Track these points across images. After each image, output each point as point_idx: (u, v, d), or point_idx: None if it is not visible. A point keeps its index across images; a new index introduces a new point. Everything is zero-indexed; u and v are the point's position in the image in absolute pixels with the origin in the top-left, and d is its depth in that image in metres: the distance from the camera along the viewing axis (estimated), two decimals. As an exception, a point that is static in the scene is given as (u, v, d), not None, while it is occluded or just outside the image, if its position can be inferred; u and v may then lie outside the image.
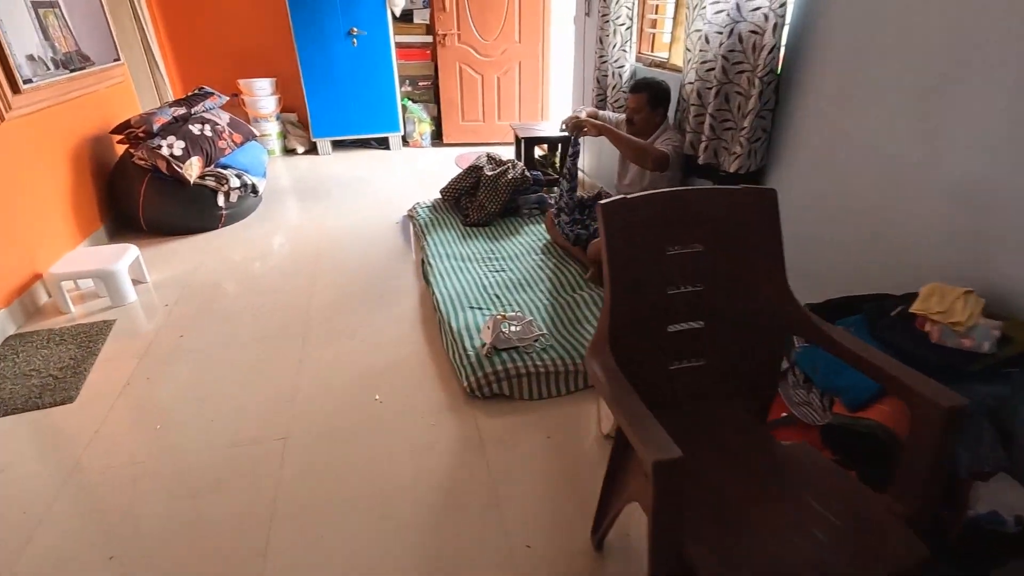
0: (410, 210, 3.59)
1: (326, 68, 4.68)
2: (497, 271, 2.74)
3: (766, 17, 1.95)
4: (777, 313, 1.22)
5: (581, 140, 2.64)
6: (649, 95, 2.53)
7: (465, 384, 1.95)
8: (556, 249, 2.95)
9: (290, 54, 4.65)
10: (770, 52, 1.91)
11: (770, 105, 2.01)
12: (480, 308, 2.38)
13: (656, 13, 3.13)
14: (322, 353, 2.22)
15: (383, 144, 5.24)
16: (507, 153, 4.66)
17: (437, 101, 5.23)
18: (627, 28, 2.99)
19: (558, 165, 4.01)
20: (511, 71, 5.00)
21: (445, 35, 4.82)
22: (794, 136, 2.01)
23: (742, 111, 2.12)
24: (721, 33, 2.17)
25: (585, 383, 1.99)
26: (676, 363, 1.26)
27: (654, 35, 3.18)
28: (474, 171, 3.42)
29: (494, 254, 2.91)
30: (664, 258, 1.20)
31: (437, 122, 5.33)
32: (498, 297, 2.48)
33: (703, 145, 2.30)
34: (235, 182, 3.34)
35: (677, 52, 2.81)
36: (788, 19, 1.91)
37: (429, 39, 5.03)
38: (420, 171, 4.60)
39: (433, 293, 2.53)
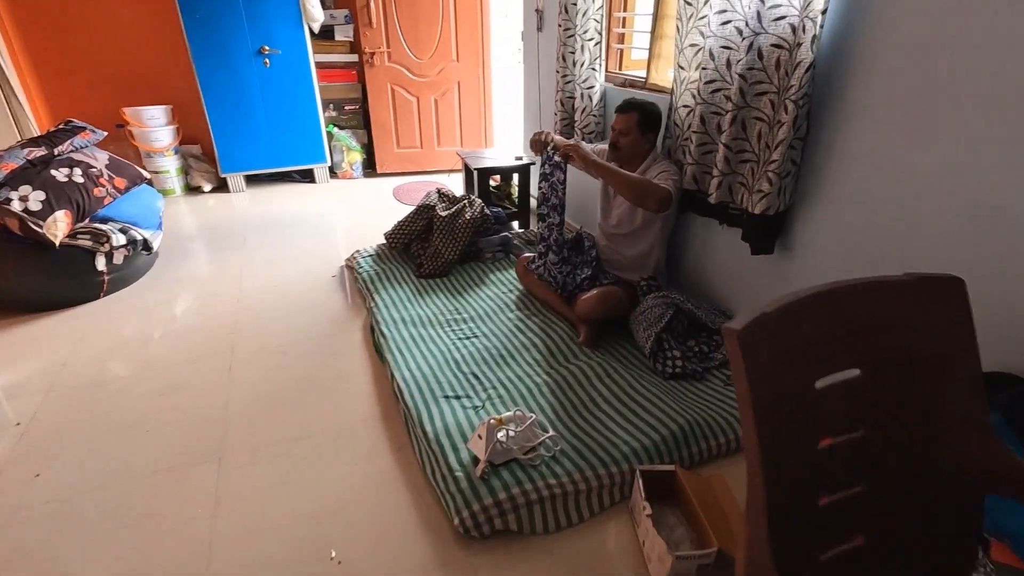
0: (348, 260, 3.01)
1: (234, 92, 4.00)
2: (468, 337, 2.23)
3: (795, 28, 1.60)
4: (974, 463, 0.81)
5: (562, 163, 2.21)
6: (640, 116, 2.14)
7: (456, 521, 1.43)
8: (533, 302, 2.49)
9: (188, 77, 3.94)
10: (807, 70, 1.56)
11: (801, 133, 1.66)
12: (458, 396, 1.86)
13: (624, 27, 2.77)
14: (247, 485, 1.62)
15: (307, 177, 4.59)
16: (451, 183, 4.21)
17: (367, 127, 4.66)
18: (596, 44, 2.61)
19: (516, 196, 3.57)
20: (450, 92, 4.53)
21: (373, 53, 4.28)
22: (834, 170, 1.66)
23: (765, 140, 1.76)
24: (732, 48, 1.81)
25: (613, 497, 1.53)
26: (827, 549, 0.82)
27: (622, 51, 2.82)
28: (425, 211, 2.91)
29: (460, 313, 2.41)
30: (812, 397, 0.76)
31: (369, 150, 4.75)
32: (477, 377, 1.97)
33: (715, 181, 1.92)
34: (119, 239, 2.64)
35: (659, 70, 2.45)
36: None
37: (354, 58, 4.46)
38: (355, 207, 4.00)
39: (393, 377, 1.99)
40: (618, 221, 2.33)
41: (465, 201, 2.93)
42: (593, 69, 2.64)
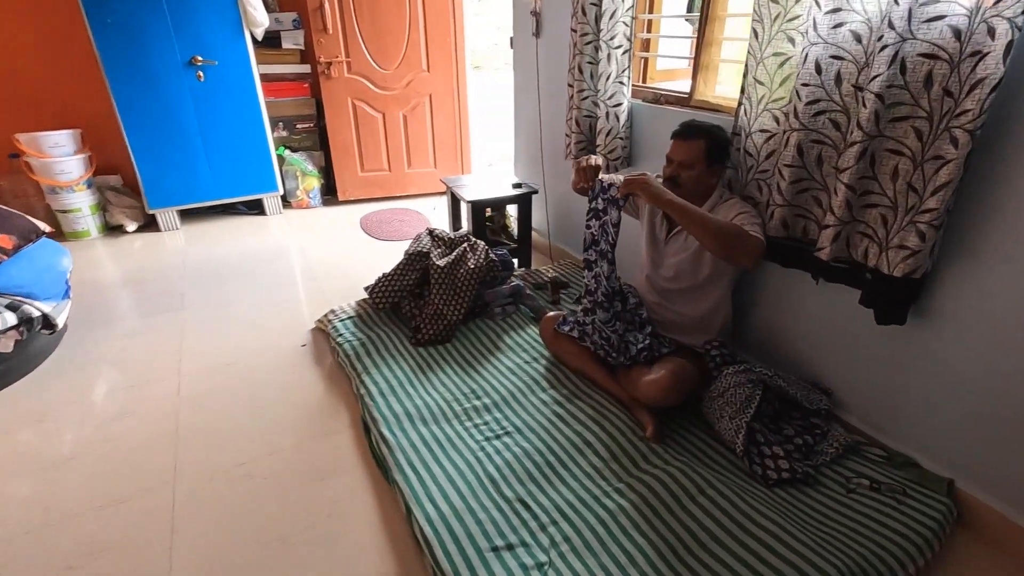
0: (321, 322, 2.42)
1: (160, 111, 3.31)
2: (497, 435, 1.70)
3: (959, 33, 1.17)
4: None
5: (620, 200, 1.73)
6: (709, 144, 1.69)
7: None
8: (566, 374, 1.98)
9: (100, 94, 3.21)
10: (992, 90, 1.13)
11: (960, 172, 1.23)
12: (511, 546, 1.33)
13: (649, 31, 2.32)
14: None
15: (256, 208, 3.92)
16: (429, 210, 3.64)
17: (325, 148, 4.03)
18: (624, 52, 2.14)
19: (513, 229, 3.06)
20: (420, 107, 3.97)
21: (330, 63, 3.67)
22: (993, 217, 1.25)
23: (908, 181, 1.33)
24: (847, 59, 1.37)
25: None
26: None
27: (646, 61, 2.36)
28: (417, 261, 2.35)
29: (479, 396, 1.87)
30: None
31: (328, 174, 4.13)
32: (526, 505, 1.44)
33: (828, 231, 1.48)
34: (8, 318, 1.95)
35: (708, 84, 2.01)
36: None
37: (306, 69, 3.84)
38: (317, 244, 3.38)
39: (411, 514, 1.43)
40: (675, 273, 1.86)
41: (465, 244, 2.39)
42: (621, 83, 2.17)
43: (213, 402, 1.96)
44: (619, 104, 2.21)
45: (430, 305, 2.23)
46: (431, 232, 2.50)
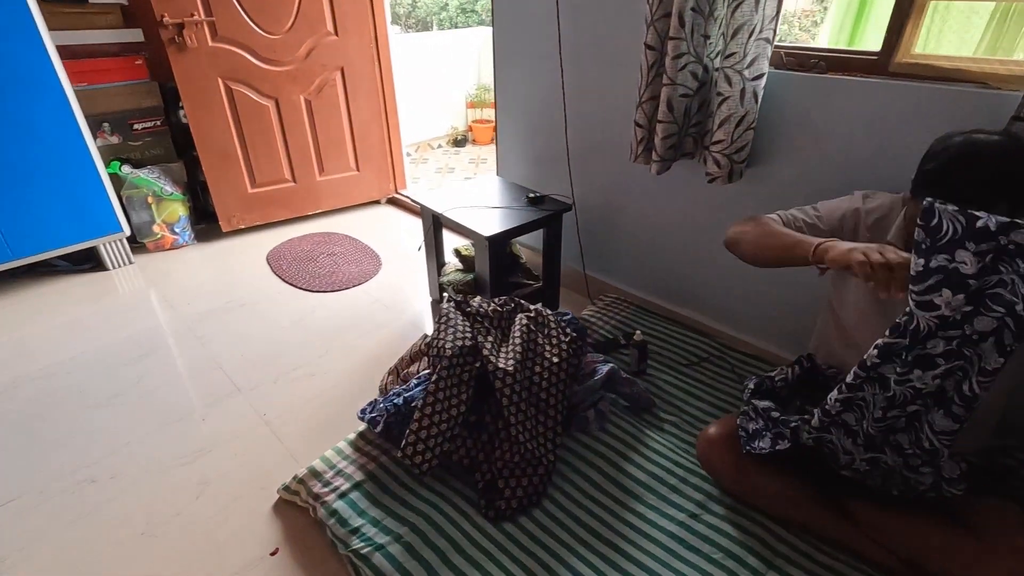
0: (293, 494, 1.35)
1: None
2: None
3: None
4: None
5: None
6: (1013, 200, 0.93)
7: None
8: (772, 528, 1.20)
9: None
10: None
11: None
12: None
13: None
14: None
15: (88, 262, 2.50)
16: (357, 226, 2.45)
17: (188, 156, 2.70)
18: (773, -11, 1.32)
19: (527, 259, 2.15)
20: (330, 87, 2.78)
21: (181, 25, 2.35)
22: None
23: None
24: None
25: None
26: None
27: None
28: (463, 366, 1.35)
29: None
30: None
31: (198, 195, 2.80)
32: None
33: None
34: None
35: (923, 36, 1.27)
36: None
37: (136, 35, 2.47)
38: (205, 311, 2.16)
39: None
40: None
41: (523, 317, 1.45)
42: (766, 40, 1.36)
43: None
44: (760, 75, 1.39)
45: (505, 443, 1.29)
46: (458, 305, 1.51)
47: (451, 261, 2.21)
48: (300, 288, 2.35)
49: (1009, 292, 0.82)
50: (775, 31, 1.35)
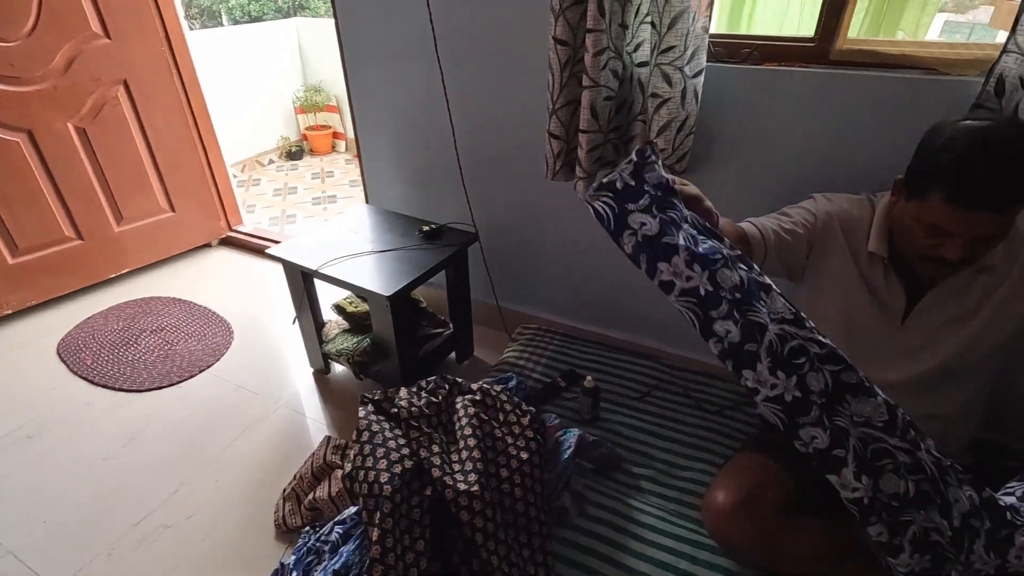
0: None
1: None
2: None
3: None
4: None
5: None
6: None
7: None
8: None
9: None
10: None
11: None
12: None
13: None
14: None
15: None
16: (196, 288, 1.83)
17: None
18: (707, -32, 1.11)
19: (449, 305, 1.78)
20: (112, 108, 2.07)
21: None
22: None
23: None
24: None
25: None
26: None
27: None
28: (413, 493, 0.97)
29: None
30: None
31: (-80, 279, 1.94)
32: None
33: None
34: None
35: (859, 21, 1.16)
36: None
37: None
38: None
39: None
40: (942, 359, 1.04)
41: (465, 402, 1.11)
42: (705, 30, 1.14)
43: None
44: (700, 71, 1.19)
45: (490, 590, 0.96)
46: (379, 407, 1.11)
47: (332, 319, 1.76)
48: (121, 389, 1.72)
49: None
50: (711, 17, 1.14)
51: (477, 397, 1.14)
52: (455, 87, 1.55)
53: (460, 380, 1.21)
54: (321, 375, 1.77)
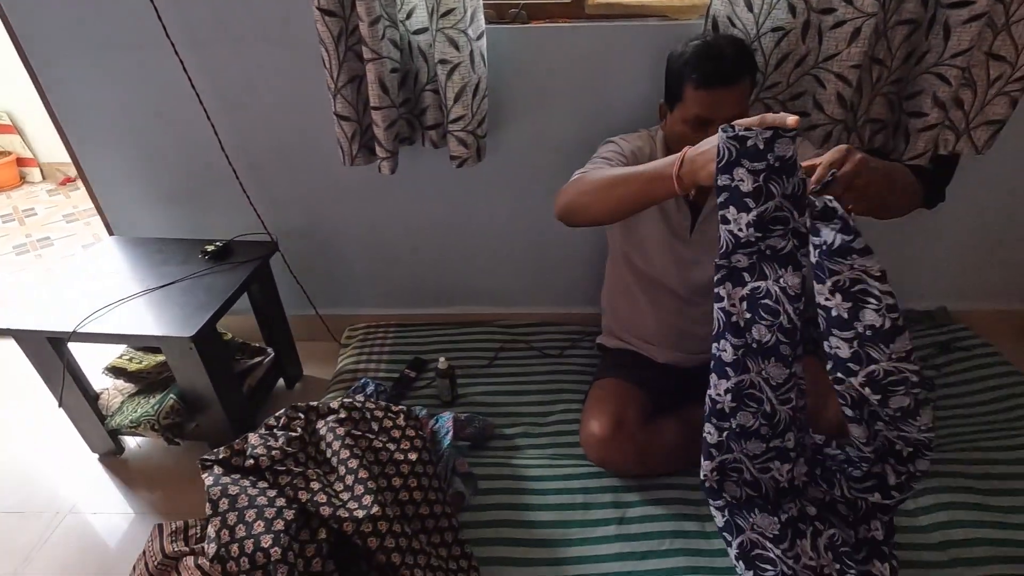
0: None
1: None
2: None
3: None
4: None
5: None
6: (753, 76, 1.10)
7: None
8: (672, 481, 1.21)
9: None
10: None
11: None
12: None
13: None
14: None
15: None
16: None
17: None
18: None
19: (260, 327, 1.52)
20: None
21: None
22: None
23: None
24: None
25: None
26: None
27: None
28: (306, 560, 0.84)
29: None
30: None
31: None
32: None
33: (926, 134, 1.24)
34: None
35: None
36: None
37: None
38: None
39: None
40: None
41: (338, 419, 1.00)
42: (474, -7, 1.14)
43: None
44: (482, 33, 1.19)
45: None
46: (228, 467, 0.92)
47: (108, 386, 1.40)
48: None
49: (783, 211, 0.83)
50: (479, -16, 1.15)
51: (342, 415, 1.03)
52: (204, 76, 1.31)
53: (314, 404, 1.07)
54: (112, 458, 1.41)
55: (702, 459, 0.98)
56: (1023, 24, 1.14)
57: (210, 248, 1.37)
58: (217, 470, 0.90)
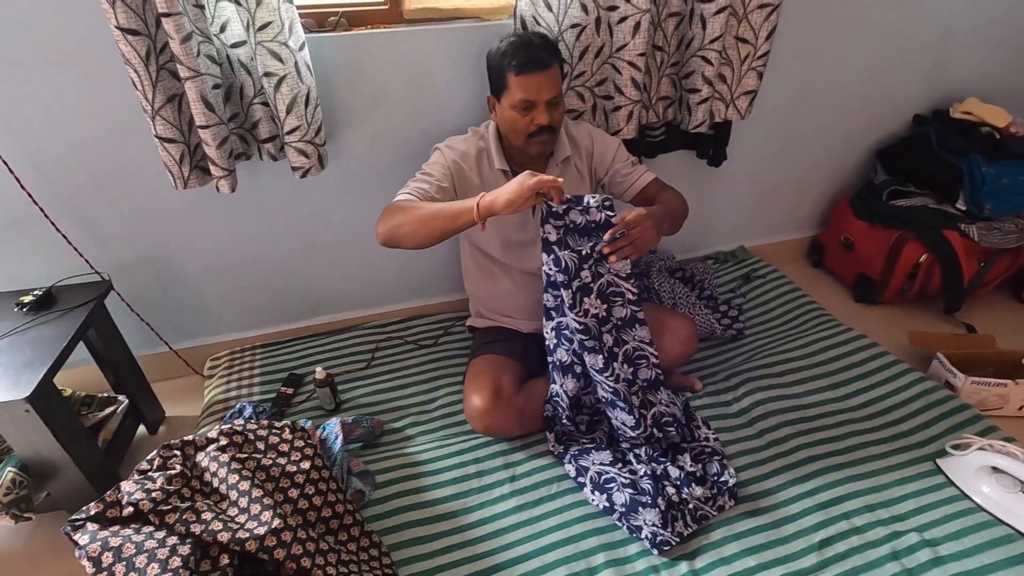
0: None
1: None
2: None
3: None
4: None
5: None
6: (561, 60, 1.27)
7: None
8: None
9: None
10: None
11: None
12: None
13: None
14: None
15: None
16: None
17: None
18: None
19: (105, 373, 1.37)
20: None
21: None
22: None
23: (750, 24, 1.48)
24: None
25: None
26: None
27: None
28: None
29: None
30: None
31: None
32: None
33: (702, 106, 1.49)
34: None
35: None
36: None
37: None
38: None
39: None
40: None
41: (219, 447, 0.98)
42: (289, 1, 1.15)
43: None
44: (303, 43, 1.20)
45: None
46: (103, 521, 0.86)
47: None
48: None
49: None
50: (291, -8, 1.16)
51: (223, 442, 1.01)
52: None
53: (189, 438, 1.04)
54: (-59, 557, 1.21)
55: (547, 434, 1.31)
56: (758, 12, 1.43)
57: (27, 299, 1.23)
58: (91, 527, 0.85)
